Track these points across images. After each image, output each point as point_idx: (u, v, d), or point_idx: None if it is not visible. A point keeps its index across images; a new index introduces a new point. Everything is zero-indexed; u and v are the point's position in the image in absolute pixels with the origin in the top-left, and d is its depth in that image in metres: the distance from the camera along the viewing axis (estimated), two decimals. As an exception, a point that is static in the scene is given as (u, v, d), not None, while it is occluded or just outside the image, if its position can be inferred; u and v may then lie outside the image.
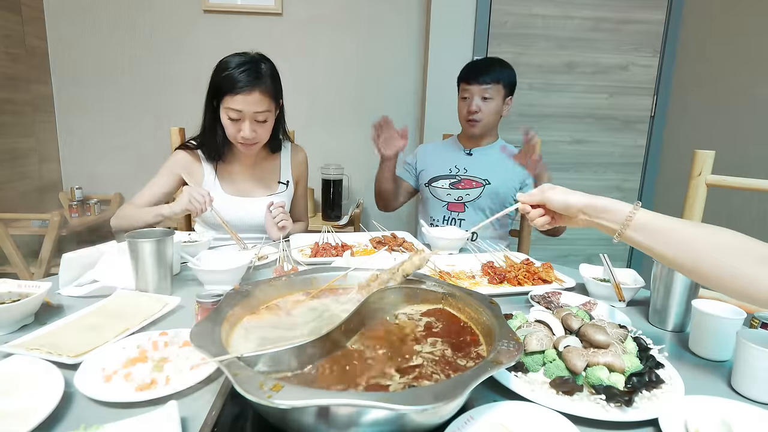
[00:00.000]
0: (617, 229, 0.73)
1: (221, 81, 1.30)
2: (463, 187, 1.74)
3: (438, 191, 1.77)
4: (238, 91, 1.27)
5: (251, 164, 1.51)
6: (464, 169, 1.75)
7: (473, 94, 1.67)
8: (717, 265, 0.65)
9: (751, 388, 0.67)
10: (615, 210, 0.73)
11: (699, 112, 2.53)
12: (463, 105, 1.72)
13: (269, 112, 1.35)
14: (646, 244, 0.71)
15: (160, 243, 0.96)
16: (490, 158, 1.74)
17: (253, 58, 1.33)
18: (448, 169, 1.77)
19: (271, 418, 0.54)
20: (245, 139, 1.34)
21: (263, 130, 1.37)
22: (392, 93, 2.87)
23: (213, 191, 1.44)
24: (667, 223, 0.70)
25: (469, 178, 1.74)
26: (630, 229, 0.71)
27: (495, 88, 1.67)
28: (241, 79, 1.27)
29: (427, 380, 0.57)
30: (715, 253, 0.65)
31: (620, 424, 0.59)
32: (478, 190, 1.72)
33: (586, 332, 0.70)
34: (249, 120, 1.32)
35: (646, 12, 2.66)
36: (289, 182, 1.58)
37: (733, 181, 1.22)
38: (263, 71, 1.31)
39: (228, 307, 0.67)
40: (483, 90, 1.66)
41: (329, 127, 2.88)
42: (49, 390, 0.60)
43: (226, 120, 1.33)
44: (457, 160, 1.77)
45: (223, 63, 1.32)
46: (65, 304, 0.93)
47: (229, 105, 1.30)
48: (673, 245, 0.69)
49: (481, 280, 1.12)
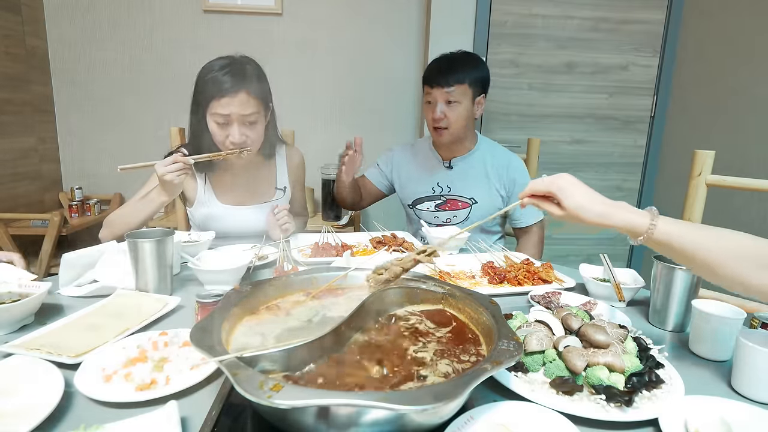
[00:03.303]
0: (633, 243, 0.72)
1: (205, 85, 1.26)
2: (449, 208, 1.63)
3: (424, 214, 1.67)
4: (223, 93, 1.23)
5: (245, 171, 1.46)
6: (447, 187, 1.63)
7: (436, 98, 1.50)
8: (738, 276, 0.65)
9: (751, 388, 0.67)
10: (630, 229, 0.70)
11: (699, 112, 2.53)
12: (427, 110, 1.56)
13: (258, 114, 1.30)
14: (666, 255, 0.72)
15: (160, 243, 0.96)
16: (473, 169, 1.62)
17: (236, 60, 1.29)
18: (431, 188, 1.65)
19: (271, 418, 0.54)
20: (234, 144, 1.28)
21: (253, 133, 1.31)
22: (392, 93, 2.87)
23: (207, 203, 1.42)
24: (686, 237, 0.67)
25: (454, 198, 1.63)
26: (647, 242, 0.70)
27: (460, 89, 1.49)
28: (226, 81, 1.23)
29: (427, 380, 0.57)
30: (735, 265, 0.65)
31: (620, 424, 0.59)
32: (465, 211, 1.62)
33: (586, 332, 0.70)
34: (237, 123, 1.27)
35: (646, 12, 2.66)
36: (286, 188, 1.54)
37: (733, 181, 1.22)
38: (248, 72, 1.27)
39: (228, 307, 0.67)
40: (446, 94, 1.49)
41: (329, 127, 2.88)
42: (49, 390, 0.60)
43: (214, 126, 1.28)
44: (438, 176, 1.64)
45: (206, 67, 1.28)
46: (65, 304, 0.93)
47: (216, 110, 1.25)
48: (690, 259, 0.68)
49: (481, 280, 1.12)
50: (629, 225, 0.70)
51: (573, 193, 0.72)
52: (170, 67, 2.73)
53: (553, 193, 0.74)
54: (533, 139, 1.88)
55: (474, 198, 1.61)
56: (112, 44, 2.70)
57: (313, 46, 2.78)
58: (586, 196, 0.72)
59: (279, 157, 1.54)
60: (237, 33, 2.71)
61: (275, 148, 1.51)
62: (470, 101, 1.53)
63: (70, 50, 2.70)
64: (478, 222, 0.95)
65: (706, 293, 1.17)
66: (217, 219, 1.42)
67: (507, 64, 2.68)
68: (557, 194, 0.73)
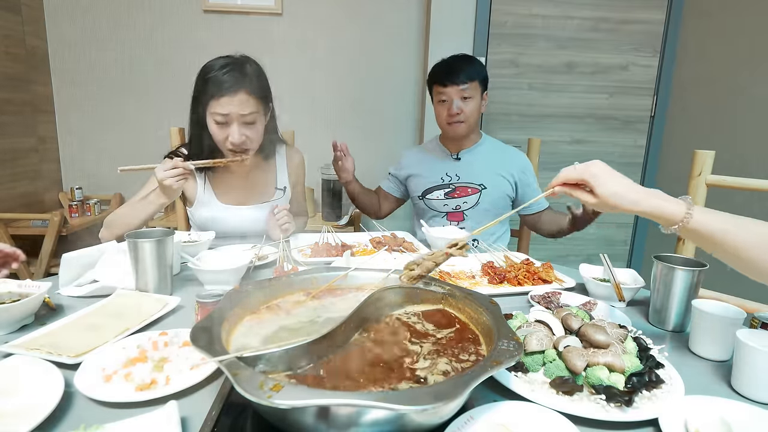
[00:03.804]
0: (665, 232, 0.71)
1: (205, 85, 1.26)
2: (458, 195, 1.69)
3: (434, 203, 1.72)
4: (222, 93, 1.23)
5: (245, 171, 1.46)
6: (456, 176, 1.69)
7: (451, 96, 1.60)
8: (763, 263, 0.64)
9: (751, 388, 0.67)
10: (665, 217, 0.69)
11: (699, 112, 2.53)
12: (441, 108, 1.65)
13: (257, 114, 1.30)
14: (694, 242, 0.70)
15: (160, 243, 0.96)
16: (480, 159, 1.70)
17: (236, 59, 1.29)
18: (440, 178, 1.71)
19: (271, 418, 0.54)
20: (234, 144, 1.28)
21: (253, 133, 1.31)
22: (392, 93, 2.87)
23: (208, 203, 1.42)
24: (715, 225, 0.67)
25: (463, 185, 1.68)
26: (681, 232, 0.69)
27: (472, 85, 1.61)
28: (225, 80, 1.23)
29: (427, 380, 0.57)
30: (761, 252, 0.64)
31: (620, 424, 0.59)
32: (474, 197, 1.68)
33: (586, 332, 0.70)
34: (237, 123, 1.27)
35: (646, 12, 2.66)
36: (286, 188, 1.54)
37: (733, 181, 1.22)
38: (248, 71, 1.27)
39: (228, 307, 0.67)
40: (461, 91, 1.60)
41: (329, 127, 2.88)
42: (49, 390, 0.60)
43: (214, 126, 1.28)
44: (447, 167, 1.71)
45: (206, 67, 1.29)
46: (65, 304, 0.93)
47: (215, 109, 1.25)
48: (719, 245, 0.67)
49: (481, 280, 1.12)
50: (664, 213, 0.69)
51: (606, 180, 0.72)
52: (170, 67, 2.73)
53: (586, 181, 0.73)
54: (533, 139, 1.88)
55: (483, 184, 1.68)
56: (112, 44, 2.70)
57: (313, 46, 2.78)
58: (621, 184, 0.71)
59: (279, 157, 1.54)
60: (237, 33, 2.71)
61: (275, 148, 1.51)
62: (480, 96, 1.65)
63: (70, 50, 2.70)
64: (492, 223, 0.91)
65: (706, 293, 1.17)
66: (217, 219, 1.42)
67: (507, 64, 2.68)
68: (590, 181, 0.72)
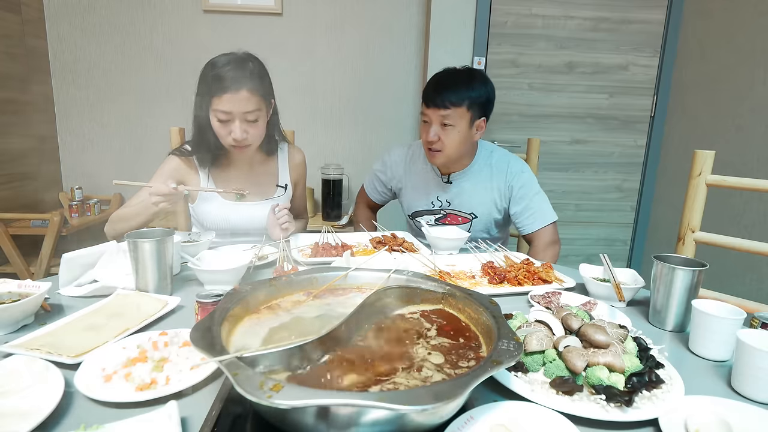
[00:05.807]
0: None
1: (208, 82, 1.27)
2: (449, 222, 1.61)
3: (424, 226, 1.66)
4: (225, 90, 1.24)
5: (247, 168, 1.47)
6: (447, 202, 1.59)
7: (431, 119, 1.40)
8: None
9: (751, 388, 0.67)
10: None
11: (699, 112, 2.53)
12: (423, 129, 1.45)
13: (259, 111, 1.31)
14: None
15: (160, 243, 0.96)
16: (471, 183, 1.57)
17: (239, 57, 1.30)
18: (430, 203, 1.61)
19: (271, 418, 0.54)
20: (236, 141, 1.30)
21: (255, 130, 1.32)
22: (392, 93, 2.87)
23: (210, 198, 1.43)
24: None
25: (454, 213, 1.60)
26: None
27: (456, 112, 1.37)
28: (228, 78, 1.24)
29: (427, 380, 0.57)
30: None
31: (620, 424, 0.59)
32: (465, 226, 1.59)
33: (586, 332, 0.70)
34: (239, 120, 1.28)
35: (646, 12, 2.66)
36: (288, 186, 1.55)
37: (733, 181, 1.22)
38: (250, 69, 1.28)
39: (228, 307, 0.67)
40: (441, 116, 1.38)
41: (329, 127, 2.88)
42: (49, 390, 0.60)
43: (216, 123, 1.29)
44: (437, 190, 1.60)
45: (209, 64, 1.30)
46: (65, 304, 0.93)
47: (217, 106, 1.26)
48: None
49: (481, 280, 1.12)
50: None
51: None
52: (170, 67, 2.73)
53: None
54: (533, 139, 1.88)
55: (474, 213, 1.59)
56: (112, 44, 2.70)
57: (312, 46, 2.78)
58: None
59: (281, 155, 1.55)
60: (237, 33, 2.71)
61: (277, 145, 1.53)
62: (467, 124, 1.41)
63: (70, 50, 2.70)
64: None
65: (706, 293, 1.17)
66: (219, 215, 1.43)
67: (507, 64, 2.68)
68: None
